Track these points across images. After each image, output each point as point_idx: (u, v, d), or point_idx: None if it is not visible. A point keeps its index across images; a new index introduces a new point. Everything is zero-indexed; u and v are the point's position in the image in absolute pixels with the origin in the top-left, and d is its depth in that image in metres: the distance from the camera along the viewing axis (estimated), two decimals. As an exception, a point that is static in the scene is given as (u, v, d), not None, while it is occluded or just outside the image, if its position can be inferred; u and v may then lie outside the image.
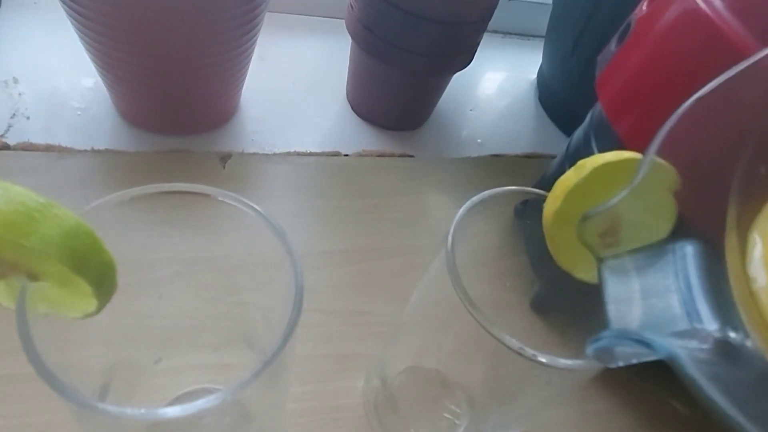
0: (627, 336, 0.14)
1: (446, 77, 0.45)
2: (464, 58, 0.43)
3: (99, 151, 0.38)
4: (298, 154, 0.42)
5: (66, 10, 0.32)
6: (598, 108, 0.31)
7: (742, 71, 0.15)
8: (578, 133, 0.33)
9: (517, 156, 0.48)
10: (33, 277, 0.14)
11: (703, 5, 0.23)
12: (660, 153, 0.16)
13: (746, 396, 0.12)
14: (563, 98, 0.51)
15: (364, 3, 0.39)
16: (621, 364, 0.16)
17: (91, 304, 0.14)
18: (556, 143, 0.51)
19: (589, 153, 0.31)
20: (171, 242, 0.22)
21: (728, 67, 0.16)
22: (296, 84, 0.48)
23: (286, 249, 0.18)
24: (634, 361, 0.15)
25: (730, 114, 0.16)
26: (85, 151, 0.37)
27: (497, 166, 0.47)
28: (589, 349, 0.15)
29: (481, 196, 0.21)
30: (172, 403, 0.27)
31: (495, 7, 0.40)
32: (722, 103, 0.15)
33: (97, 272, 0.14)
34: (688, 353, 0.12)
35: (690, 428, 0.33)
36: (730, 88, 0.15)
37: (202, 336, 0.25)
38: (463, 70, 0.44)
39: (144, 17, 0.31)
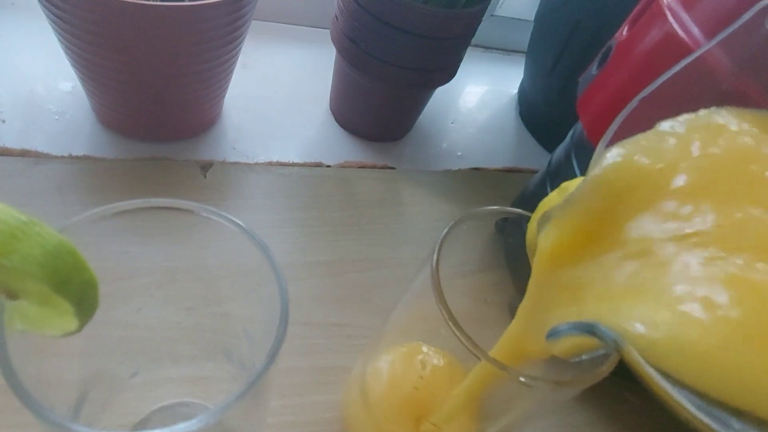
0: (578, 327, 0.14)
1: (429, 91, 0.45)
2: (447, 73, 0.43)
3: (77, 157, 0.37)
4: (281, 164, 0.42)
5: (47, 14, 0.32)
6: (579, 127, 0.32)
7: (678, 71, 0.16)
8: (559, 151, 0.34)
9: (497, 170, 0.49)
10: (12, 295, 0.13)
11: (681, 32, 0.24)
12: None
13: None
14: (543, 114, 0.52)
15: (350, 15, 0.39)
16: (584, 358, 0.16)
17: (72, 323, 0.14)
18: (536, 158, 0.52)
19: (570, 171, 0.31)
20: (151, 255, 0.21)
21: (705, 93, 0.17)
22: (279, 93, 0.48)
23: (272, 266, 0.18)
24: (586, 357, 0.16)
25: (673, 108, 0.17)
26: (63, 156, 0.37)
27: (477, 179, 0.47)
28: (547, 340, 0.16)
29: (464, 216, 0.21)
30: (148, 417, 0.26)
31: (479, 24, 0.41)
32: (665, 99, 0.17)
33: (78, 292, 0.13)
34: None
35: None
36: (671, 85, 0.17)
37: (180, 348, 0.25)
38: (445, 84, 0.44)
39: (126, 24, 0.31)
